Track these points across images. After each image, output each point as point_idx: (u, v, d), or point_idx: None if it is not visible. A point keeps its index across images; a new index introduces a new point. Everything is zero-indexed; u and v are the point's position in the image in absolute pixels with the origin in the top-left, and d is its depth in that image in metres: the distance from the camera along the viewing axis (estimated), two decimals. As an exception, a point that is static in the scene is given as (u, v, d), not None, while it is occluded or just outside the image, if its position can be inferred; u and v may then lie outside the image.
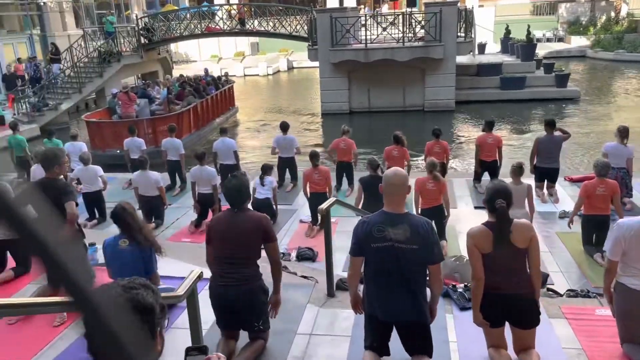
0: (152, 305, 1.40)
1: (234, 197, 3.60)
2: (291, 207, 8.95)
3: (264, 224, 3.59)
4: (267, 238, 3.59)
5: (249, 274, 3.61)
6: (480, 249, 3.30)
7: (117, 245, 4.06)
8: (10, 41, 22.20)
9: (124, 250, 4.03)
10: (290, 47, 32.68)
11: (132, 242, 4.02)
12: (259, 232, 3.55)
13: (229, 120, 18.54)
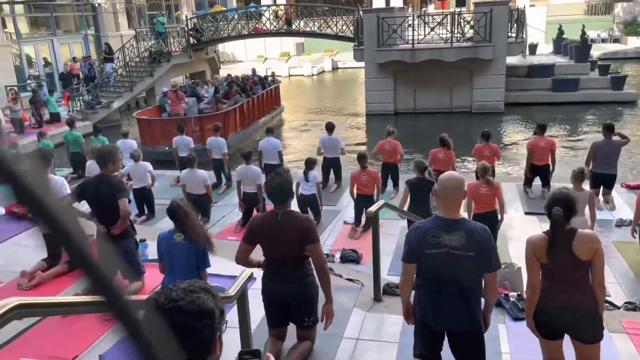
0: (212, 310, 1.38)
1: (276, 195, 3.55)
2: (335, 207, 8.91)
3: (305, 226, 3.52)
4: (308, 240, 3.49)
5: (299, 271, 3.59)
6: (538, 258, 3.16)
7: (172, 239, 4.12)
8: (67, 41, 23.06)
9: (179, 244, 4.09)
10: (335, 47, 32.68)
11: (187, 237, 4.07)
12: (300, 234, 3.49)
13: (274, 119, 18.74)
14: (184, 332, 1.31)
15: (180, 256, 4.08)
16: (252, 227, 3.68)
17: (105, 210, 4.58)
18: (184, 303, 1.33)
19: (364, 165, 7.81)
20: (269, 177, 3.63)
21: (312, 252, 3.52)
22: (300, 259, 3.60)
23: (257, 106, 17.29)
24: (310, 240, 3.50)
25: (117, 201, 4.49)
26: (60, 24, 23.42)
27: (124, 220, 4.58)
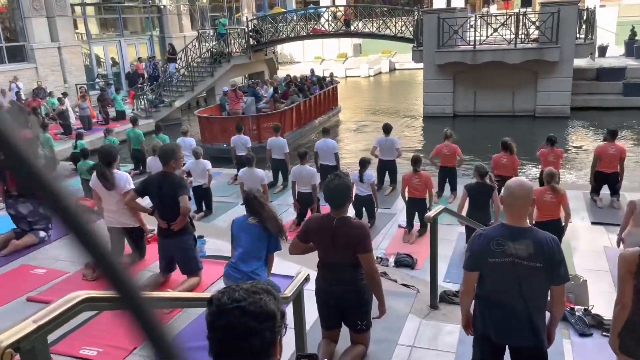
0: (274, 312, 1.35)
1: (334, 198, 3.49)
2: (390, 210, 8.79)
3: (359, 234, 3.45)
4: (360, 249, 3.44)
5: (353, 275, 3.54)
6: (632, 274, 2.94)
7: (245, 221, 4.24)
8: (133, 42, 24.00)
9: (251, 225, 4.20)
10: (393, 48, 32.38)
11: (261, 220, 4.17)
12: (354, 242, 3.43)
13: (330, 119, 18.80)
14: (245, 333, 1.30)
15: (251, 236, 4.20)
16: (307, 227, 3.66)
17: (166, 207, 4.68)
18: (246, 304, 1.32)
19: (416, 169, 7.66)
20: (328, 179, 3.57)
21: (363, 261, 3.46)
22: (354, 263, 3.55)
23: (314, 106, 17.40)
24: (362, 250, 3.44)
25: (178, 198, 4.58)
26: (128, 25, 24.40)
27: (183, 216, 4.67)
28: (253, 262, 4.19)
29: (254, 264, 4.19)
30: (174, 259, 4.91)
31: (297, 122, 15.96)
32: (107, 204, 5.25)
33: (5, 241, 5.71)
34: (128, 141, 11.80)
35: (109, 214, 5.27)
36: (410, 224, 7.71)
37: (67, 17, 19.67)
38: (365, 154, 10.75)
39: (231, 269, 4.24)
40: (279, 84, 17.87)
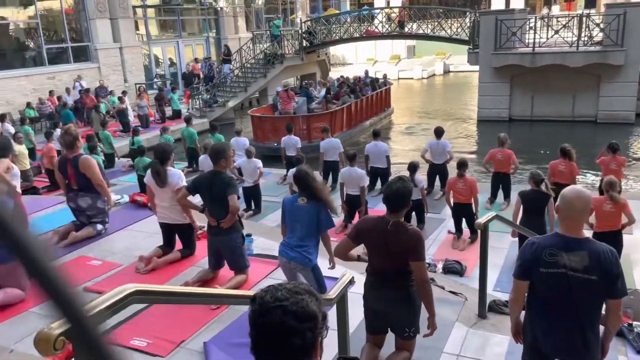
0: (315, 313, 1.35)
1: (393, 201, 3.40)
2: (439, 216, 8.64)
3: (413, 241, 3.37)
4: (413, 257, 3.36)
5: (403, 280, 3.48)
6: None
7: (295, 202, 4.31)
8: (190, 43, 24.68)
9: (301, 207, 4.26)
10: (447, 50, 31.85)
11: (310, 201, 4.24)
12: (407, 249, 3.37)
13: (382, 120, 18.75)
14: (285, 332, 1.31)
15: (303, 218, 4.26)
16: (360, 228, 3.60)
17: (216, 205, 4.77)
18: (288, 303, 1.33)
19: (461, 173, 7.49)
20: (392, 180, 3.52)
21: (415, 269, 3.38)
22: (405, 269, 3.49)
23: (366, 107, 17.41)
24: (415, 257, 3.36)
25: (227, 197, 4.66)
26: (186, 26, 25.11)
27: (232, 215, 4.75)
28: (304, 242, 4.29)
29: (305, 244, 4.30)
30: (223, 255, 5.00)
31: (348, 123, 16.04)
32: (160, 200, 5.41)
33: (66, 233, 5.98)
34: (182, 139, 12.14)
35: (162, 210, 5.43)
36: (459, 229, 7.55)
37: (129, 18, 20.45)
38: (416, 157, 10.63)
39: (285, 247, 4.38)
40: (332, 85, 18.10)
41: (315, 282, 4.36)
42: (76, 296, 0.74)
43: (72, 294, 0.73)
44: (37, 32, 18.14)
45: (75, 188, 5.97)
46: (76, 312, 0.73)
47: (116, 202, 7.34)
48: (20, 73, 17.11)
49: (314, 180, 4.36)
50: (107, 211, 6.24)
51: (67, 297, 0.72)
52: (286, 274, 4.51)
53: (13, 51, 18.18)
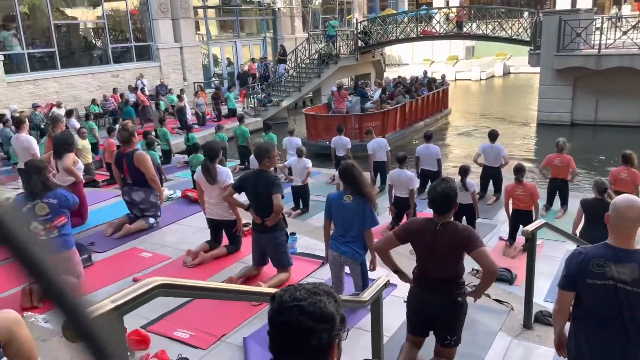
0: (332, 315, 1.35)
1: (440, 203, 3.35)
2: (491, 221, 8.41)
3: (465, 234, 3.30)
4: (471, 247, 3.25)
5: (451, 287, 3.41)
6: None
7: (341, 200, 4.34)
8: (248, 43, 25.15)
9: (347, 204, 4.30)
10: (508, 51, 30.92)
11: (356, 197, 4.27)
12: (460, 242, 3.29)
13: (438, 121, 18.58)
14: (302, 332, 1.31)
15: (350, 214, 4.30)
16: (409, 228, 3.55)
17: (260, 203, 4.84)
18: (306, 304, 1.33)
19: (519, 179, 7.24)
20: (435, 183, 3.46)
21: (478, 258, 3.25)
22: (454, 274, 3.41)
23: (421, 108, 17.30)
24: (473, 246, 3.25)
25: (272, 196, 4.72)
26: (244, 27, 25.60)
27: (276, 214, 4.80)
28: (353, 238, 4.35)
29: (354, 240, 4.35)
30: (267, 253, 5.07)
31: (401, 122, 16.02)
32: (208, 197, 5.55)
33: (120, 225, 6.24)
34: (235, 137, 12.39)
35: (210, 206, 5.57)
36: (513, 237, 7.32)
37: (190, 19, 21.06)
38: (469, 161, 10.39)
39: (335, 241, 4.45)
40: (388, 85, 18.20)
41: (361, 277, 4.39)
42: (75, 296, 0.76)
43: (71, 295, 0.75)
44: (103, 32, 19.00)
45: (130, 182, 6.22)
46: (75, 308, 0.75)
47: (168, 197, 7.58)
48: (87, 71, 17.98)
49: (360, 174, 4.37)
50: (159, 205, 6.46)
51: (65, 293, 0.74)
52: (334, 268, 4.53)
53: (81, 50, 19.12)
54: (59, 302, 0.74)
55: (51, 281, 0.73)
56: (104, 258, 5.63)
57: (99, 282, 4.96)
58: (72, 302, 0.74)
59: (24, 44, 16.37)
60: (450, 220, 3.38)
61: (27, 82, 16.10)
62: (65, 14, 18.42)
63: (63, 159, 6.24)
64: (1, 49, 15.82)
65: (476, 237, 3.31)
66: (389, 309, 3.97)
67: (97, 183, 10.12)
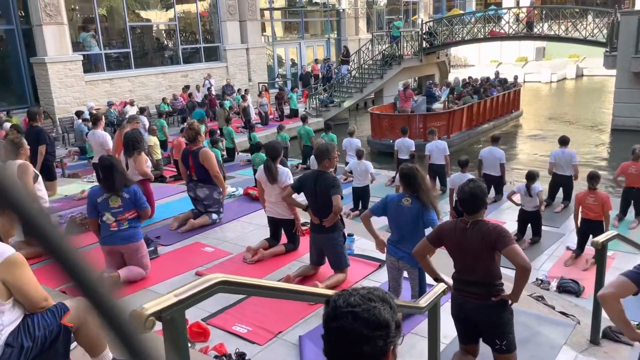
0: (387, 322, 1.34)
1: (469, 202, 3.33)
2: (558, 230, 8.08)
3: (496, 231, 3.23)
4: (501, 244, 3.19)
5: (487, 289, 3.32)
6: None
7: (399, 202, 4.33)
8: (312, 44, 25.38)
9: (404, 207, 4.28)
10: (582, 52, 29.52)
11: (414, 200, 4.24)
12: (490, 240, 3.21)
13: (508, 123, 18.28)
14: (356, 339, 1.31)
15: (406, 218, 4.28)
16: (442, 231, 3.54)
17: (319, 204, 4.88)
18: (360, 310, 1.32)
19: (592, 186, 6.90)
20: (463, 183, 3.45)
21: (510, 255, 3.17)
22: (489, 276, 3.33)
23: (490, 108, 17.04)
24: (503, 245, 3.18)
25: (331, 197, 4.74)
26: (309, 28, 25.86)
27: (335, 214, 4.82)
28: (410, 242, 4.24)
29: (411, 244, 4.21)
30: (324, 253, 5.10)
31: (468, 123, 15.89)
32: (268, 196, 5.65)
33: (185, 219, 6.48)
34: (299, 138, 12.54)
35: (270, 205, 5.67)
36: (581, 247, 7.00)
37: (257, 20, 21.51)
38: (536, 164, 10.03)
39: (392, 246, 4.43)
40: (457, 85, 18.14)
41: (419, 282, 4.34)
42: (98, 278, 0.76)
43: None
44: (175, 33, 19.75)
45: (195, 179, 6.43)
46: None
47: (231, 194, 7.78)
48: (158, 71, 18.75)
49: (423, 179, 4.30)
50: (221, 202, 6.64)
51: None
52: (391, 272, 4.51)
53: (154, 50, 19.97)
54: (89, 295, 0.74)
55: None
56: (169, 251, 5.85)
57: (164, 274, 5.17)
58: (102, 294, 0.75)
59: (101, 45, 17.28)
60: (480, 219, 3.34)
61: (103, 81, 17.00)
62: (140, 16, 19.30)
63: (136, 160, 6.48)
64: (81, 49, 16.78)
65: (506, 234, 3.25)
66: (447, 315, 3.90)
67: (164, 179, 10.53)
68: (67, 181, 9.87)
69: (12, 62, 16.13)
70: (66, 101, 15.60)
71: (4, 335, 2.49)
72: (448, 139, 14.51)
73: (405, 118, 14.91)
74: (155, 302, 1.59)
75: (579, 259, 6.94)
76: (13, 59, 16.04)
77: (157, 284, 4.98)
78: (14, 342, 2.50)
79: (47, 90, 15.53)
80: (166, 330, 1.51)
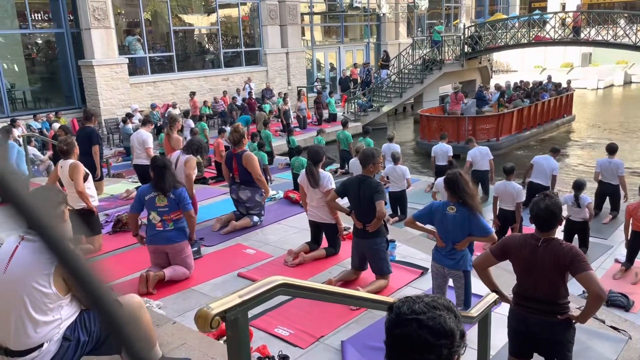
0: (452, 331, 1.31)
1: (544, 219, 3.17)
2: (606, 241, 7.81)
3: (570, 254, 3.08)
4: (576, 269, 3.04)
5: (554, 306, 3.21)
6: None
7: (444, 210, 4.28)
8: (351, 48, 25.38)
9: (449, 216, 4.24)
10: (630, 58, 28.55)
11: (459, 208, 4.19)
12: (564, 263, 3.09)
13: (559, 127, 18.30)
14: (420, 347, 1.29)
15: (450, 226, 4.24)
16: (507, 245, 3.39)
17: (362, 208, 4.86)
18: (425, 317, 1.30)
19: None
20: (538, 198, 3.28)
21: (585, 281, 3.04)
22: (556, 295, 3.21)
23: (540, 112, 17.10)
24: (579, 269, 3.03)
25: (375, 202, 4.72)
26: (348, 32, 25.87)
27: (378, 220, 4.79)
28: (456, 251, 4.25)
29: (458, 255, 4.26)
30: (366, 258, 5.07)
31: (518, 126, 16.01)
32: (310, 200, 5.66)
33: (227, 221, 6.56)
34: (338, 142, 12.54)
35: (311, 209, 5.68)
36: (631, 260, 6.74)
37: (297, 25, 21.66)
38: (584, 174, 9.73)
39: (438, 253, 4.40)
40: (508, 88, 18.33)
41: (464, 290, 4.27)
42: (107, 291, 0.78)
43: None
44: (216, 37, 20.09)
45: (238, 181, 6.51)
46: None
47: (271, 197, 7.84)
48: (200, 74, 19.10)
49: (467, 184, 4.23)
50: (263, 204, 6.70)
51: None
52: (436, 280, 4.45)
53: (196, 54, 20.36)
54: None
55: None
56: (211, 252, 5.93)
57: (207, 275, 5.25)
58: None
59: (146, 48, 17.73)
60: (553, 237, 3.19)
61: (147, 84, 17.43)
62: (183, 20, 19.72)
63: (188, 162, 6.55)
64: (126, 52, 17.26)
65: (582, 258, 3.09)
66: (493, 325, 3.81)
67: (206, 180, 10.70)
68: (113, 181, 10.14)
69: (61, 65, 16.74)
70: (112, 103, 16.07)
71: (62, 328, 2.57)
72: (497, 141, 14.79)
73: (455, 120, 15.26)
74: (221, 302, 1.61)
75: (628, 272, 6.69)
76: (62, 61, 16.65)
77: (201, 284, 5.06)
78: (71, 336, 2.58)
79: (93, 92, 16.03)
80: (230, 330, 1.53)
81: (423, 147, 15.38)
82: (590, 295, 3.07)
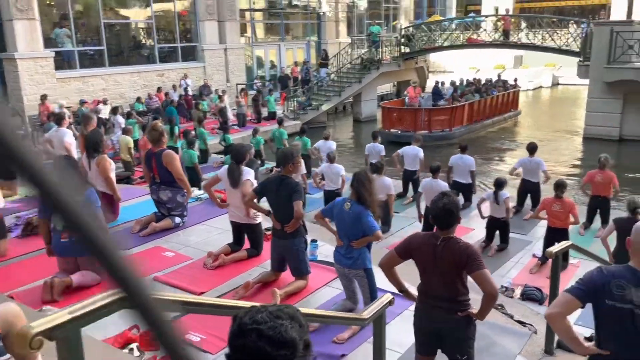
0: (294, 341, 1.27)
1: (442, 218, 3.26)
2: (526, 237, 8.14)
3: (466, 253, 3.17)
4: (472, 268, 3.14)
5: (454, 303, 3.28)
6: None
7: (342, 206, 4.39)
8: (292, 46, 25.30)
9: (344, 212, 4.34)
10: (558, 61, 29.94)
11: (354, 204, 4.28)
12: (460, 261, 3.17)
13: (507, 121, 20.09)
14: (259, 357, 1.24)
15: (346, 222, 4.33)
16: (411, 244, 3.45)
17: (281, 209, 4.81)
18: (265, 327, 1.26)
19: (559, 195, 6.97)
20: (437, 197, 3.37)
21: (479, 280, 3.13)
22: (456, 292, 3.28)
23: (490, 106, 18.79)
24: (474, 268, 3.13)
25: (293, 202, 4.67)
26: (289, 30, 25.77)
27: (296, 220, 4.76)
28: (353, 251, 4.32)
29: (355, 253, 4.32)
30: (285, 259, 5.03)
31: (469, 118, 17.51)
32: (231, 200, 5.56)
33: (147, 223, 6.33)
34: (272, 139, 12.44)
35: (232, 209, 5.58)
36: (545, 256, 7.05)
37: (235, 21, 21.35)
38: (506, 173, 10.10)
39: (338, 254, 4.48)
40: (460, 85, 19.92)
41: (368, 288, 4.32)
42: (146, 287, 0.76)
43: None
44: (152, 32, 19.49)
45: (158, 181, 6.30)
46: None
47: (198, 197, 7.65)
48: (133, 69, 18.46)
49: (370, 183, 4.34)
50: (185, 205, 6.52)
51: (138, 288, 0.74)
52: (342, 280, 4.50)
53: (130, 49, 19.66)
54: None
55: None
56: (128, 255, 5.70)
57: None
58: None
59: (74, 41, 16.96)
60: (452, 235, 3.28)
61: (75, 79, 16.68)
62: (118, 13, 19.00)
63: (100, 164, 6.28)
64: (54, 46, 16.44)
65: (477, 257, 3.18)
66: (405, 323, 3.86)
67: (130, 180, 10.34)
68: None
69: (-20, 58, 15.75)
70: (36, 98, 15.24)
71: None
72: (450, 131, 16.25)
73: (412, 112, 16.86)
74: (44, 320, 1.48)
75: (544, 267, 6.98)
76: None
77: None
78: None
79: (16, 87, 15.19)
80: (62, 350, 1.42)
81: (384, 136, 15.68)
82: (484, 294, 3.15)
